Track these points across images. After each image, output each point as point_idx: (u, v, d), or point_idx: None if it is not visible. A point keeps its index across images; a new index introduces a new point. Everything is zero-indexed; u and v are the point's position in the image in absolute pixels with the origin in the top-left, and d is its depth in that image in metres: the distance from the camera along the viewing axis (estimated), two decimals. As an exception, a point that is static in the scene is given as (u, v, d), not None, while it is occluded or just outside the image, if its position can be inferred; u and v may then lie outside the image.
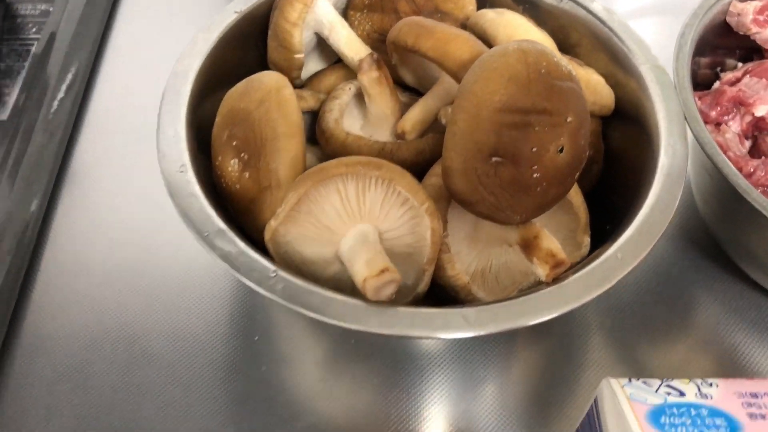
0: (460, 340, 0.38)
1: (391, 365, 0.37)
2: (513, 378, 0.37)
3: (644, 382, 0.29)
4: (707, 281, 0.41)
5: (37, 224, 0.43)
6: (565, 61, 0.30)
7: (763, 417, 0.27)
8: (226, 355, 0.37)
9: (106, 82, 0.51)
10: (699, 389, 0.28)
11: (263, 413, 0.35)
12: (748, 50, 0.42)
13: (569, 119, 0.29)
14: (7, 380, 0.36)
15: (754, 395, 0.28)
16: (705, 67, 0.42)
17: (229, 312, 0.39)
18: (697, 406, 0.28)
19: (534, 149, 0.28)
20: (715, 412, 0.27)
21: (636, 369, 0.37)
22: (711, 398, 0.28)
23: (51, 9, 0.52)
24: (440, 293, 0.33)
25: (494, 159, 0.28)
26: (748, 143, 0.37)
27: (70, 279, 0.40)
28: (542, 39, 0.35)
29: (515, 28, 0.34)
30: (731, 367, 0.37)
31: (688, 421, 0.27)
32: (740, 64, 0.42)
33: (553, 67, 0.29)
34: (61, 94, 0.48)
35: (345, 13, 0.40)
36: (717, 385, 0.29)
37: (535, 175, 0.29)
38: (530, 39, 0.32)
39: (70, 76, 0.50)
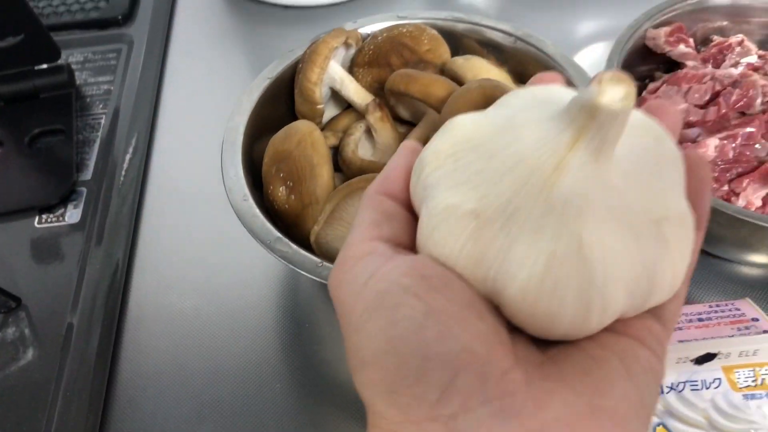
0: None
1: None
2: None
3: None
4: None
5: (122, 276, 0.52)
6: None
7: (680, 329, 0.38)
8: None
9: (163, 143, 0.63)
10: (636, 316, 0.39)
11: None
12: (671, 63, 0.54)
13: (521, 132, 0.40)
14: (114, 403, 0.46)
15: (675, 315, 0.39)
16: (637, 79, 0.53)
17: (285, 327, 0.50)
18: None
19: (497, 156, 0.39)
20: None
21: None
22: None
23: (112, 88, 0.65)
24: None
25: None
26: (668, 136, 0.48)
27: (153, 321, 0.50)
28: (499, 76, 0.46)
29: (479, 69, 0.46)
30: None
31: (627, 337, 0.37)
32: (665, 75, 0.53)
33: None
34: (129, 157, 0.60)
35: (351, 69, 0.52)
36: (649, 312, 0.39)
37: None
38: (489, 77, 0.44)
39: (134, 141, 0.61)
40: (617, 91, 0.19)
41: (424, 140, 0.40)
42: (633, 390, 0.20)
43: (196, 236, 0.55)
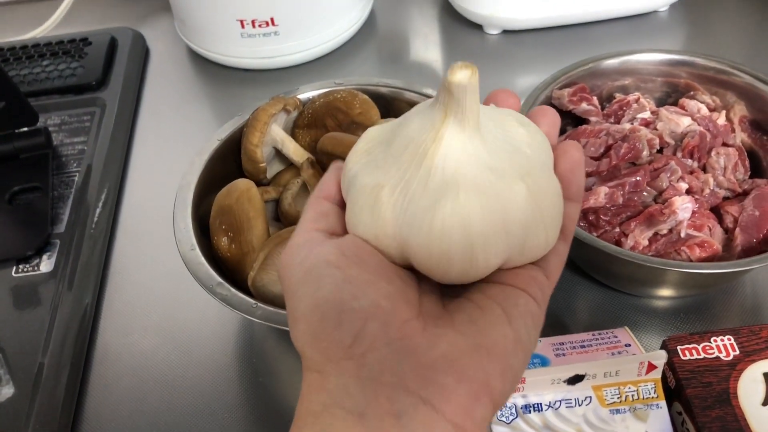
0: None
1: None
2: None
3: (495, 345, 0.45)
4: (563, 281, 0.57)
5: (90, 319, 0.57)
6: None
7: (564, 355, 0.44)
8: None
9: (131, 195, 0.69)
10: (528, 344, 0.45)
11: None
12: (580, 119, 0.60)
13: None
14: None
15: (561, 344, 0.45)
16: (548, 134, 0.60)
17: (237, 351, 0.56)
18: (524, 354, 0.44)
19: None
20: (535, 355, 0.44)
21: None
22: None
23: (86, 148, 0.71)
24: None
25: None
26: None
27: (117, 359, 0.55)
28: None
29: (398, 131, 0.52)
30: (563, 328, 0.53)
31: (517, 362, 0.43)
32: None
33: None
34: (98, 210, 0.66)
35: (293, 130, 0.58)
36: (540, 341, 0.45)
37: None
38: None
39: (104, 195, 0.67)
40: (464, 73, 0.25)
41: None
42: (510, 331, 0.25)
43: (157, 280, 0.61)
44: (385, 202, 0.27)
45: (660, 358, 0.40)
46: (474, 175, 0.26)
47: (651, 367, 0.40)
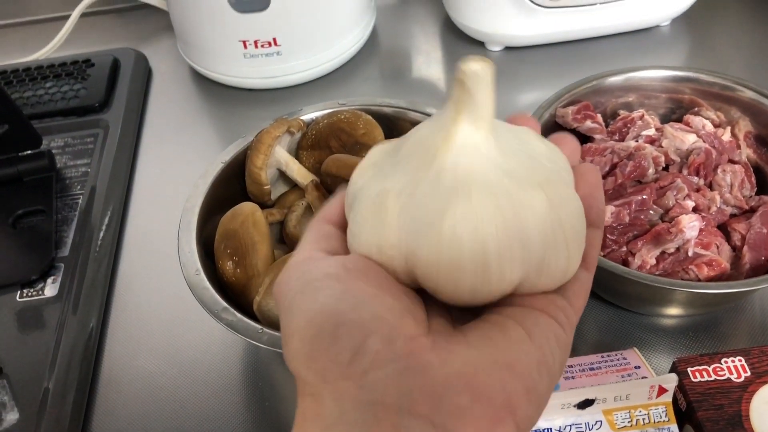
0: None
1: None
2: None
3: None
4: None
5: (95, 343, 0.57)
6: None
7: (573, 378, 0.43)
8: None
9: (135, 217, 0.69)
10: (537, 367, 0.44)
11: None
12: (585, 136, 0.60)
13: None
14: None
15: (570, 366, 0.44)
16: (552, 152, 0.60)
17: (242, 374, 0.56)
18: (533, 377, 0.44)
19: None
20: (543, 379, 0.43)
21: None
22: (543, 371, 0.44)
23: (89, 170, 0.71)
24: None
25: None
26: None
27: (122, 383, 0.55)
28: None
29: (402, 152, 0.52)
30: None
31: (526, 386, 0.43)
32: (578, 147, 0.59)
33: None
34: (103, 231, 0.66)
35: (296, 151, 0.58)
36: (548, 363, 0.45)
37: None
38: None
39: (108, 216, 0.67)
40: (477, 63, 0.24)
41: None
42: (533, 349, 0.22)
43: (162, 302, 0.60)
44: (390, 208, 0.24)
45: (671, 381, 0.39)
46: (489, 177, 0.24)
47: (662, 390, 0.39)
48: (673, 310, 0.52)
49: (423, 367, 0.21)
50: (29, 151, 0.70)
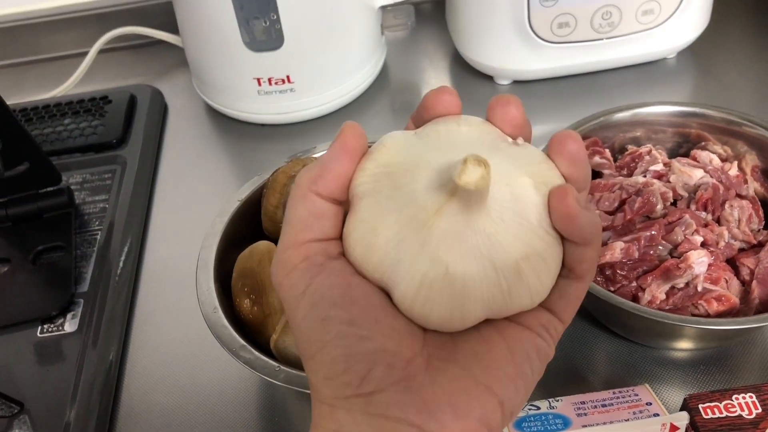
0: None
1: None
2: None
3: (516, 404, 0.46)
4: (582, 334, 0.57)
5: (114, 377, 0.58)
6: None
7: (586, 414, 0.44)
8: (257, 433, 0.54)
9: (152, 251, 0.70)
10: (549, 404, 0.45)
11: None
12: (593, 172, 0.61)
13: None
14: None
15: (583, 403, 0.45)
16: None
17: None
18: (546, 414, 0.44)
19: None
20: (556, 416, 0.44)
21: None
22: (556, 408, 0.45)
23: (107, 206, 0.72)
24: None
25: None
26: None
27: (141, 417, 0.56)
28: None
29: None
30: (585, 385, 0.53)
31: (539, 423, 0.44)
32: (587, 181, 0.60)
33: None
34: (121, 266, 0.67)
35: (311, 189, 0.60)
36: (561, 401, 0.45)
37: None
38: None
39: (126, 249, 0.69)
40: (474, 173, 0.24)
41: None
42: (513, 368, 0.27)
43: (180, 338, 0.61)
44: (378, 249, 0.27)
45: (682, 419, 0.40)
46: (467, 253, 0.26)
47: (673, 428, 0.40)
48: (684, 345, 0.53)
49: (417, 388, 0.26)
50: (49, 188, 0.72)
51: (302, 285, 0.28)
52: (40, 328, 0.62)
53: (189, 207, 0.75)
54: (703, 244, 0.52)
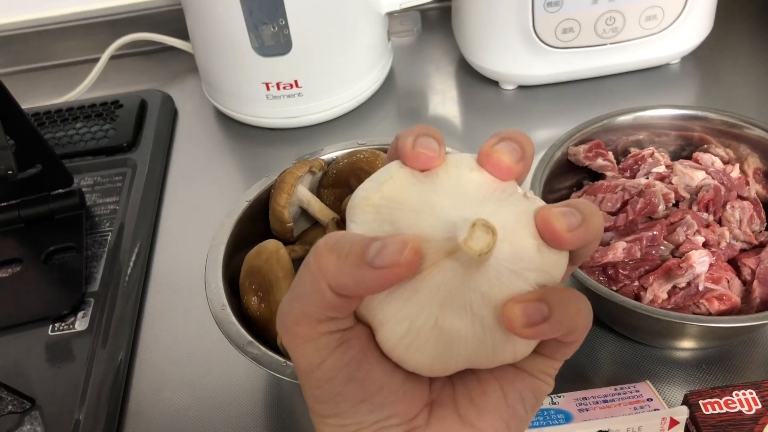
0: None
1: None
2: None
3: (519, 400, 0.46)
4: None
5: (124, 375, 0.59)
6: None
7: (587, 410, 0.44)
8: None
9: (162, 252, 0.71)
10: (551, 400, 0.46)
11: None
12: (597, 173, 0.62)
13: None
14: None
15: (584, 398, 0.45)
16: (565, 188, 0.61)
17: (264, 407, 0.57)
18: (548, 409, 0.45)
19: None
20: (558, 411, 0.45)
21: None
22: (558, 404, 0.45)
23: (117, 208, 0.74)
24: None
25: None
26: (587, 239, 0.56)
27: (149, 416, 0.57)
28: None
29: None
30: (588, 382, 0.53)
31: (541, 418, 0.44)
32: (591, 183, 0.61)
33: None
34: (131, 266, 0.68)
35: (318, 189, 0.61)
36: (563, 396, 0.46)
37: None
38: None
39: (135, 252, 0.70)
40: (480, 241, 0.24)
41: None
42: (506, 411, 0.28)
43: (188, 337, 0.62)
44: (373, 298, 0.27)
45: (682, 413, 0.40)
46: (458, 308, 0.26)
47: (673, 422, 0.40)
48: (686, 343, 0.54)
49: None
50: (61, 190, 0.73)
51: (317, 359, 0.26)
52: (51, 326, 0.63)
53: (198, 209, 0.76)
54: (705, 245, 0.53)
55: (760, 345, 0.55)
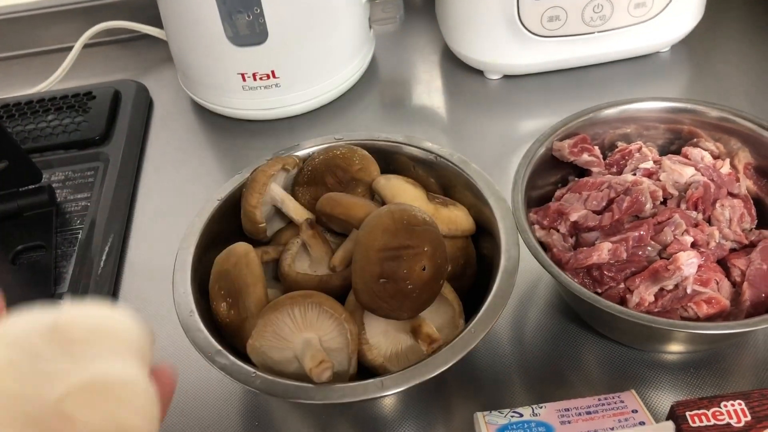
0: (406, 398, 0.54)
1: (357, 429, 0.53)
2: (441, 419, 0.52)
3: (499, 411, 0.44)
4: (569, 336, 0.56)
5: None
6: (421, 211, 0.47)
7: (569, 422, 0.43)
8: (237, 438, 0.53)
9: (135, 250, 0.68)
10: (533, 411, 0.44)
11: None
12: (581, 170, 0.60)
13: (426, 248, 0.45)
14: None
15: (567, 410, 0.44)
16: (549, 185, 0.59)
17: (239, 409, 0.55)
18: (528, 422, 0.43)
19: (405, 271, 0.45)
20: (539, 423, 0.43)
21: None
22: (539, 415, 0.43)
23: (89, 204, 0.71)
24: (368, 372, 0.49)
25: (381, 280, 0.45)
26: (572, 240, 0.54)
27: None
28: (414, 194, 0.52)
29: (396, 189, 0.53)
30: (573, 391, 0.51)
31: (521, 431, 0.42)
32: (576, 179, 0.59)
33: (412, 218, 0.46)
34: (102, 265, 0.66)
35: (293, 188, 0.58)
36: (544, 407, 0.44)
37: (409, 287, 0.45)
38: (403, 198, 0.50)
39: (107, 248, 0.67)
40: None
41: (349, 254, 0.46)
42: None
43: (161, 339, 0.59)
44: None
45: (668, 429, 0.38)
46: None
47: (658, 437, 0.39)
48: (673, 348, 0.52)
49: None
50: (29, 186, 0.70)
51: None
52: (17, 330, 0.60)
53: (173, 205, 0.73)
54: (693, 245, 0.51)
55: (750, 348, 0.53)
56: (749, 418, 0.41)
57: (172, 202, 0.73)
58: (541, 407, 0.44)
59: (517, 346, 0.56)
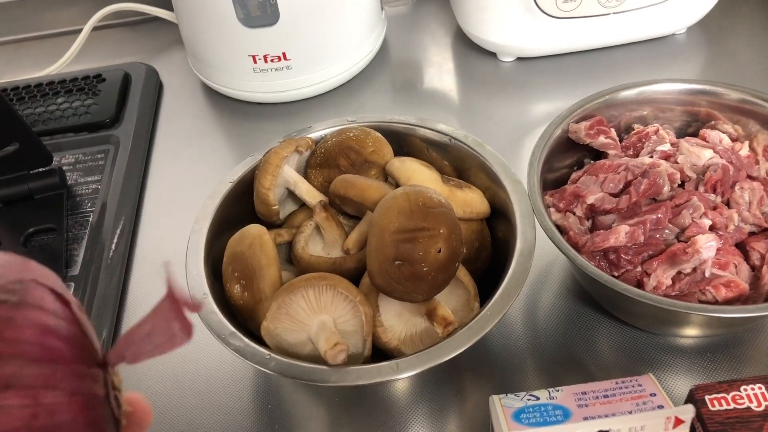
0: (420, 381, 0.53)
1: (370, 412, 0.52)
2: (456, 404, 0.52)
3: (515, 395, 0.44)
4: (584, 320, 0.56)
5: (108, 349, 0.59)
6: (437, 194, 0.47)
7: (587, 406, 0.42)
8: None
9: (146, 232, 0.68)
10: (549, 394, 0.43)
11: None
12: (598, 152, 0.59)
13: (442, 231, 0.45)
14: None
15: (584, 393, 0.43)
16: (565, 167, 0.58)
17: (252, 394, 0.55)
18: (545, 405, 0.42)
19: (421, 253, 0.44)
20: (556, 407, 0.42)
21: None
22: (556, 398, 0.43)
23: (99, 187, 0.71)
24: (382, 355, 0.48)
25: (397, 262, 0.44)
26: (588, 223, 0.53)
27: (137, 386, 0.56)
28: (429, 177, 0.52)
29: (411, 171, 0.52)
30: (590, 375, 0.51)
31: (538, 414, 0.42)
32: (592, 162, 0.58)
33: (427, 200, 0.46)
34: (113, 248, 0.66)
35: (305, 170, 0.58)
36: (561, 390, 0.44)
37: (425, 269, 0.44)
38: (419, 180, 0.50)
39: (118, 233, 0.67)
40: None
41: (363, 237, 0.45)
42: None
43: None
44: None
45: (688, 412, 0.38)
46: None
47: (678, 421, 0.38)
48: (690, 332, 0.51)
49: None
50: (40, 169, 0.70)
51: None
52: (30, 312, 0.60)
53: (184, 187, 0.73)
54: (712, 228, 0.50)
55: (768, 332, 0.53)
56: (769, 402, 0.40)
57: (183, 185, 0.73)
58: (558, 390, 0.43)
59: (531, 329, 0.55)
